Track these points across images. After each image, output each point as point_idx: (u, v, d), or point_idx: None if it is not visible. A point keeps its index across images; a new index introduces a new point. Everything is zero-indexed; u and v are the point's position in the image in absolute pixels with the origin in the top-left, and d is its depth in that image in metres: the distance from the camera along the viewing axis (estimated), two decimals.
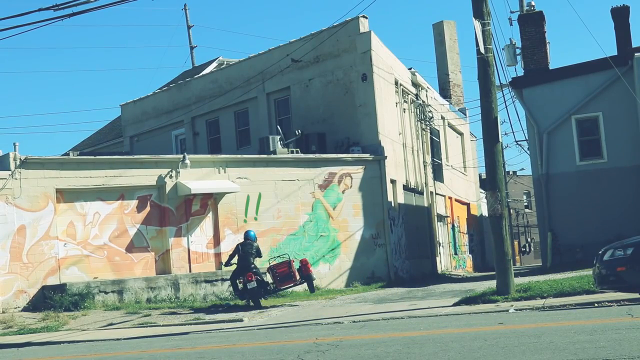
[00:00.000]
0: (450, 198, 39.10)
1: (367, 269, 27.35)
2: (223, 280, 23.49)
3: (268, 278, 21.36)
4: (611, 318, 11.70)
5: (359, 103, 28.85)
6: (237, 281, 20.85)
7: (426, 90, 35.73)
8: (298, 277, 20.91)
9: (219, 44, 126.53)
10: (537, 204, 30.31)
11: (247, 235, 21.50)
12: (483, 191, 44.00)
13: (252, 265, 20.73)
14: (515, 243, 69.03)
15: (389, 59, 30.86)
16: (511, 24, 31.36)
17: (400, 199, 30.31)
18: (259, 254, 21.17)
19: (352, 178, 27.56)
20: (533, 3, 30.17)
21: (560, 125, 28.69)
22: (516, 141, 74.23)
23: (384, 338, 11.36)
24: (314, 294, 22.19)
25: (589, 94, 28.36)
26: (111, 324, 18.60)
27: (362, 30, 29.02)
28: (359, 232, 27.49)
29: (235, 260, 21.04)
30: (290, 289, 22.20)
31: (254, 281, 20.23)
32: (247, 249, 20.95)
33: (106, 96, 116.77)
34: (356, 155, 27.87)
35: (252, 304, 20.53)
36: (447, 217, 38.14)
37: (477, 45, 17.93)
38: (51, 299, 21.02)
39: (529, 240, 77.90)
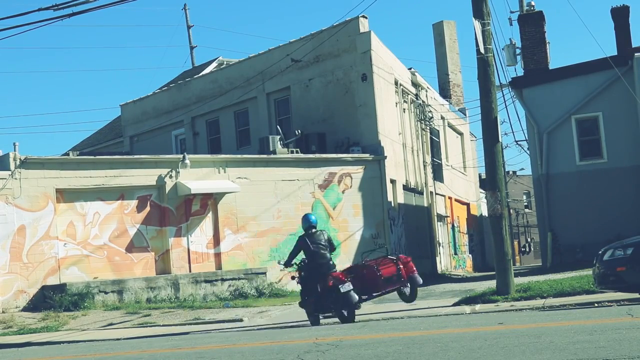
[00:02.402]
0: (450, 198, 39.11)
1: None
2: (223, 280, 23.50)
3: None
4: (611, 318, 11.69)
5: (359, 103, 28.85)
6: (316, 286, 15.09)
7: (426, 90, 35.74)
8: (405, 278, 15.89)
9: (219, 44, 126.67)
10: (537, 204, 30.30)
11: (308, 220, 15.87)
12: (483, 191, 43.99)
13: (332, 262, 15.44)
14: (515, 243, 69.03)
15: (389, 59, 30.86)
16: (511, 24, 31.37)
17: (400, 199, 30.31)
18: (332, 247, 15.77)
19: (352, 178, 27.57)
20: (533, 3, 30.18)
21: (560, 125, 28.69)
22: (516, 141, 74.33)
23: (384, 338, 11.35)
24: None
25: (588, 94, 28.36)
26: (111, 324, 18.60)
27: (362, 30, 29.03)
28: (359, 232, 27.49)
29: (297, 260, 15.65)
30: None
31: (348, 282, 14.78)
32: (318, 240, 15.41)
33: (106, 96, 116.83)
34: (356, 155, 27.87)
35: (338, 314, 15.00)
36: (447, 217, 38.15)
37: (477, 45, 17.92)
38: (51, 299, 21.03)
39: (529, 240, 77.88)
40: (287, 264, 15.59)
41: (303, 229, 15.79)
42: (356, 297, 14.73)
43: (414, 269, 16.03)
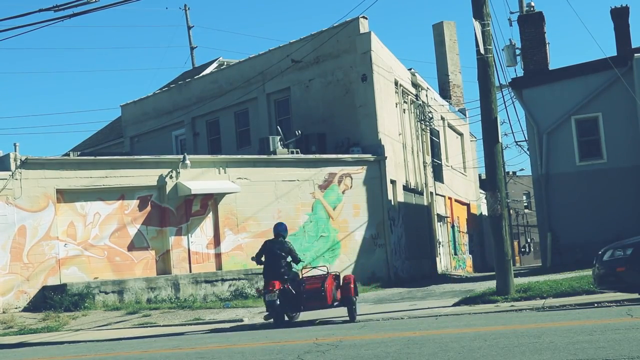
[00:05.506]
0: (450, 198, 39.12)
1: (367, 269, 27.35)
2: (223, 280, 23.50)
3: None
4: (611, 318, 11.72)
5: (359, 103, 28.87)
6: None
7: (426, 91, 35.76)
8: (331, 301, 16.04)
9: (219, 45, 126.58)
10: (537, 204, 30.32)
11: (276, 229, 17.19)
12: (483, 191, 44.03)
13: (282, 270, 16.34)
14: (515, 243, 69.01)
15: (389, 59, 30.88)
16: (511, 25, 31.44)
17: (400, 199, 30.33)
18: (294, 258, 16.71)
19: (352, 178, 27.58)
20: (533, 3, 30.22)
21: (560, 126, 28.71)
22: (516, 141, 74.34)
23: (383, 338, 11.37)
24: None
25: (588, 95, 28.37)
26: (111, 324, 18.62)
27: (362, 30, 29.05)
28: (359, 233, 27.50)
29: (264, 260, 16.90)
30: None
31: (275, 292, 15.75)
32: (275, 249, 16.60)
33: (106, 96, 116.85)
34: (356, 155, 27.89)
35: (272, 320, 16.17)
36: (447, 217, 38.16)
37: (477, 45, 17.95)
38: (51, 299, 21.04)
39: (529, 240, 77.85)
40: (258, 261, 16.92)
41: (273, 234, 17.23)
42: (283, 307, 15.94)
43: (353, 291, 16.03)
